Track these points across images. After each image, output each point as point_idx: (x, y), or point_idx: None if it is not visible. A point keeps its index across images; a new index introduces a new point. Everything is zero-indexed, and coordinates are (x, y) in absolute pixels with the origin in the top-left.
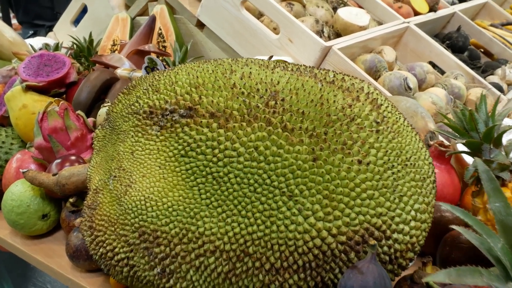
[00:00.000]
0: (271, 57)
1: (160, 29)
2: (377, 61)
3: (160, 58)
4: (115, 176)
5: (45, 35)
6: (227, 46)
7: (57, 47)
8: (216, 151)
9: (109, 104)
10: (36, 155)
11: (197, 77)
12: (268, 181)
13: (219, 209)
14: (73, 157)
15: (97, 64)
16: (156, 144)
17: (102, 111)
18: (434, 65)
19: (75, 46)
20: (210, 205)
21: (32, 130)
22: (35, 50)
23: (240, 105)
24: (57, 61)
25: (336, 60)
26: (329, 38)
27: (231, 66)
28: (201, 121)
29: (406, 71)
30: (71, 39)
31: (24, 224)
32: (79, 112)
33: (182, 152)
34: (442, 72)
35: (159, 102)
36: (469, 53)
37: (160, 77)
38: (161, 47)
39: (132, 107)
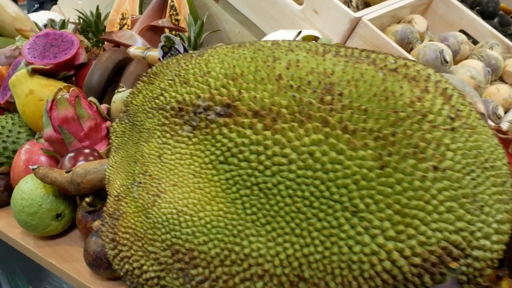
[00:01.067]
0: (299, 32)
1: (173, 1)
2: (408, 32)
3: (173, 33)
4: (139, 183)
5: (50, 8)
6: (245, 19)
7: (63, 24)
8: (263, 157)
9: (124, 89)
10: (46, 147)
11: (234, 66)
12: (326, 193)
13: (268, 227)
14: (87, 150)
15: (106, 42)
16: (188, 147)
17: (117, 97)
18: (465, 34)
19: (81, 21)
20: (257, 222)
21: (40, 118)
22: (40, 29)
23: (289, 101)
24: (65, 40)
25: (366, 32)
26: (357, 8)
27: (273, 52)
28: (243, 121)
29: (439, 41)
30: (76, 13)
31: (37, 225)
32: (91, 99)
33: (221, 158)
34: (474, 42)
35: (190, 97)
36: (499, 19)
37: (188, 65)
38: (174, 21)
39: (157, 101)
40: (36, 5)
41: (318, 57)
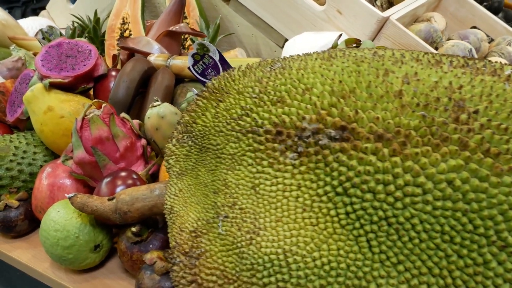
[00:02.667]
0: (340, 35)
1: None
2: (432, 31)
3: (185, 37)
4: (226, 217)
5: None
6: (260, 21)
7: (74, 32)
8: (391, 187)
9: (159, 103)
10: (75, 169)
11: (339, 81)
12: (469, 227)
13: (400, 267)
14: (124, 173)
15: (108, 50)
16: (294, 177)
17: (152, 112)
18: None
19: (76, 26)
20: (387, 262)
21: (61, 137)
22: (49, 39)
23: (419, 121)
24: (81, 50)
25: (394, 32)
26: (381, 8)
27: (381, 63)
28: (365, 146)
29: (459, 39)
30: (68, 18)
31: (74, 258)
32: (124, 115)
33: (339, 189)
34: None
35: (291, 119)
36: (503, 14)
37: (275, 80)
38: None
39: (240, 122)
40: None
41: (435, 68)
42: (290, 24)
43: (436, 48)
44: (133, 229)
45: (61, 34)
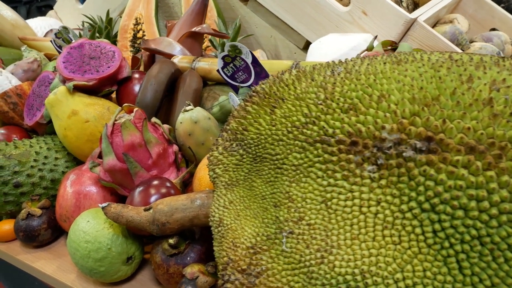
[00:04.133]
0: (375, 37)
1: None
2: (457, 33)
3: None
4: (291, 233)
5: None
6: (280, 22)
7: (94, 32)
8: (486, 204)
9: (191, 107)
10: (103, 177)
11: (420, 87)
12: None
13: None
14: (157, 182)
15: (143, 52)
16: (373, 191)
17: (185, 117)
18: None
19: (86, 26)
20: (480, 285)
21: (85, 142)
22: (68, 41)
23: None
24: (104, 51)
25: (421, 34)
26: (407, 9)
27: (463, 67)
28: (456, 159)
29: (482, 41)
30: (77, 18)
31: (106, 271)
32: (155, 120)
33: (426, 205)
34: None
35: (368, 128)
36: None
37: (341, 84)
38: None
39: (306, 131)
40: None
41: (507, 70)
42: (312, 25)
43: (462, 50)
44: (171, 241)
45: (80, 35)
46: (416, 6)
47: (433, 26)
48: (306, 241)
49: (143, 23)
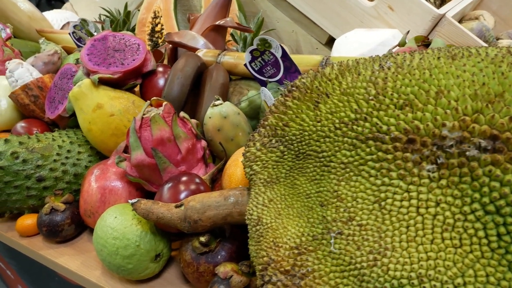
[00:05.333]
0: (408, 32)
1: None
2: (484, 30)
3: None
4: (339, 233)
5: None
6: (302, 17)
7: (117, 24)
8: None
9: (221, 102)
10: (129, 172)
11: (482, 83)
12: None
13: None
14: (187, 178)
15: (168, 45)
16: (432, 191)
17: (214, 111)
18: None
19: (108, 19)
20: None
21: (110, 136)
22: (90, 34)
23: None
24: (129, 44)
25: (449, 30)
26: (434, 4)
27: None
28: None
29: (508, 39)
30: (93, 11)
31: (133, 268)
32: (184, 114)
33: (490, 207)
34: None
35: (426, 125)
36: None
37: (393, 79)
38: None
39: (356, 127)
40: None
41: None
42: (335, 20)
43: None
44: (202, 238)
45: (102, 28)
46: (443, 1)
47: (459, 23)
48: (357, 242)
49: (161, 16)
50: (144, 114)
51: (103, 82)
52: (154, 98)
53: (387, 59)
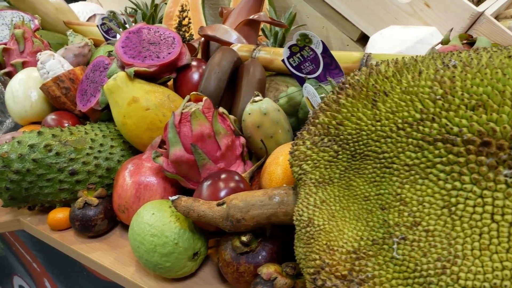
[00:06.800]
0: (451, 30)
1: None
2: None
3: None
4: (403, 238)
5: None
6: (333, 12)
7: (151, 17)
8: None
9: (260, 98)
10: (166, 168)
11: None
12: None
13: None
14: (226, 175)
15: (202, 39)
16: (509, 197)
17: (254, 108)
18: None
19: (140, 11)
20: None
21: (145, 131)
22: (122, 24)
23: None
24: (164, 37)
25: (488, 29)
26: (472, 2)
27: None
28: None
29: None
30: (118, 3)
31: (171, 267)
32: (223, 110)
33: None
34: None
35: (503, 128)
36: None
37: (462, 78)
38: None
39: (422, 128)
40: None
41: None
42: (368, 16)
43: None
44: (243, 238)
45: (135, 21)
46: None
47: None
48: (423, 248)
49: (189, 10)
50: (183, 109)
51: (138, 75)
52: (194, 93)
53: (450, 57)
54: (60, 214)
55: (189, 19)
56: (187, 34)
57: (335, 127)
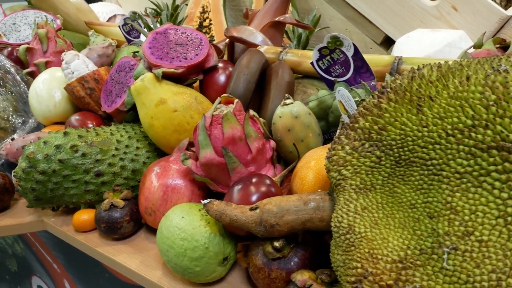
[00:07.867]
0: (484, 34)
1: None
2: None
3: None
4: (454, 248)
5: None
6: (357, 15)
7: (177, 17)
8: None
9: (291, 101)
10: (195, 170)
11: None
12: None
13: None
14: (258, 179)
15: (227, 40)
16: None
17: (285, 111)
18: None
19: (165, 12)
20: None
21: (172, 132)
22: (147, 25)
23: None
24: (191, 38)
25: None
26: (500, 5)
27: None
28: None
29: None
30: (137, 4)
31: (201, 271)
32: (253, 113)
33: None
34: None
35: None
36: None
37: None
38: None
39: (474, 134)
40: None
41: None
42: (393, 19)
43: None
44: (276, 244)
45: (161, 22)
46: (508, 2)
47: None
48: (476, 259)
49: (210, 11)
50: (214, 111)
51: (165, 76)
52: (224, 95)
53: (498, 61)
54: (85, 216)
55: (210, 20)
56: (208, 36)
57: (377, 132)
